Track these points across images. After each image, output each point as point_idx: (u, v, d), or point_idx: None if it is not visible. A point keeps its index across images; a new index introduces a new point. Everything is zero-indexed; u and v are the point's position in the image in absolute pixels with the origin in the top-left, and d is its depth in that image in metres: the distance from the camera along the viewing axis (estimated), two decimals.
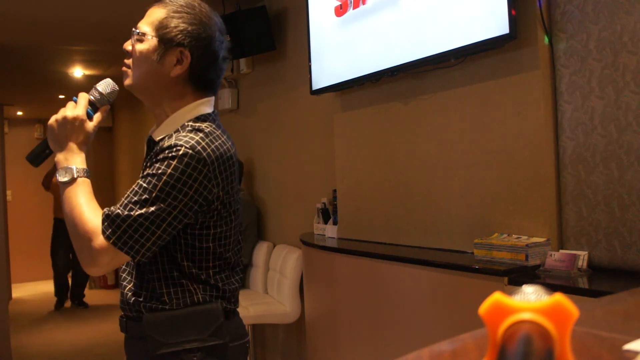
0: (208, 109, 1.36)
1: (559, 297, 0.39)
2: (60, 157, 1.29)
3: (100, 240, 1.21)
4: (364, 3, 2.59)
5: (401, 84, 2.51)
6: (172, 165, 1.21)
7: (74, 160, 1.29)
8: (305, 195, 3.48)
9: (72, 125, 1.29)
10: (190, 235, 1.27)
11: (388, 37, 2.46)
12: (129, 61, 1.34)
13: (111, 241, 1.20)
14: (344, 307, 2.56)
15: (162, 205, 1.20)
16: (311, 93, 3.00)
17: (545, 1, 1.93)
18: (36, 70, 5.86)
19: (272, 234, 3.94)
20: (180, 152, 1.22)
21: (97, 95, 1.34)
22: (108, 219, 1.22)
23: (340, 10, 2.75)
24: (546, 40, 1.93)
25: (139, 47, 1.32)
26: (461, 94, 2.22)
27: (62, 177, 1.27)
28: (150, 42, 1.31)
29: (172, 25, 1.31)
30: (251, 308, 3.36)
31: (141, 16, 1.42)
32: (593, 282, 1.70)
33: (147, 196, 1.21)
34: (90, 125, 1.32)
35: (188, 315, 1.29)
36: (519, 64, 1.99)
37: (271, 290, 3.61)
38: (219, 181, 1.26)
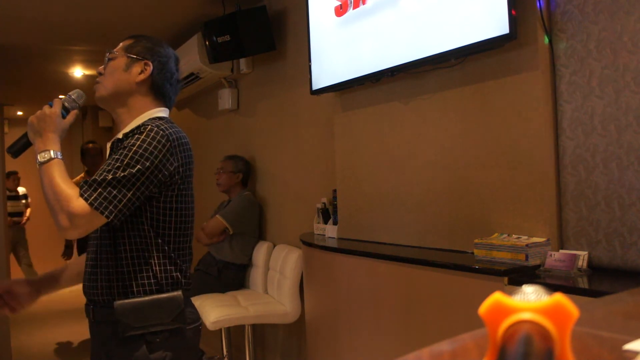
0: (165, 115, 1.66)
1: (559, 297, 0.39)
2: (39, 144, 1.51)
3: (78, 202, 1.42)
4: (364, 3, 2.59)
5: (401, 84, 2.51)
6: (141, 139, 1.48)
7: (51, 145, 1.50)
8: (305, 195, 3.48)
9: (50, 119, 1.53)
10: (156, 208, 1.51)
11: (388, 37, 2.46)
12: (101, 78, 1.63)
13: (89, 202, 1.41)
14: (344, 307, 2.56)
15: (132, 170, 1.44)
16: (311, 93, 3.00)
17: (546, 1, 1.93)
18: (36, 70, 5.86)
19: (272, 234, 3.94)
20: (148, 129, 1.50)
21: (70, 100, 1.60)
22: (86, 184, 1.44)
23: (340, 10, 2.75)
24: (546, 40, 1.93)
25: (111, 62, 1.63)
26: (461, 94, 2.22)
27: (41, 158, 1.48)
28: (120, 58, 1.63)
29: (139, 46, 1.65)
30: (251, 308, 3.36)
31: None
32: (593, 282, 1.70)
33: (119, 164, 1.45)
34: (64, 122, 1.56)
35: (154, 303, 1.51)
36: (519, 64, 1.99)
37: (271, 290, 3.61)
38: (178, 157, 1.52)
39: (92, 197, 1.42)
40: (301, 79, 3.37)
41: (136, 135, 1.49)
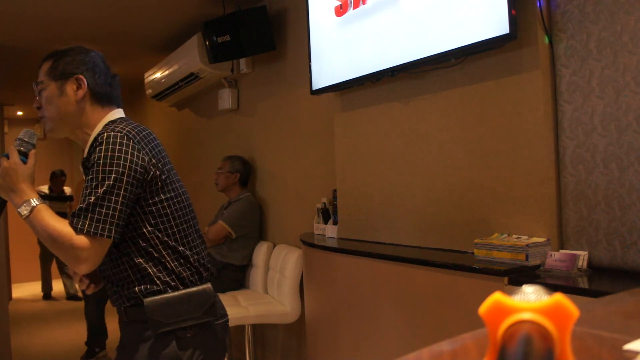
0: (118, 116, 1.61)
1: (559, 297, 0.39)
2: (16, 199, 1.48)
3: (77, 238, 1.40)
4: (364, 3, 2.59)
5: (401, 84, 2.51)
6: (103, 149, 1.44)
7: (27, 195, 1.48)
8: (305, 195, 3.48)
9: (13, 172, 1.49)
10: (147, 207, 1.49)
11: (388, 37, 2.46)
12: (41, 112, 1.59)
13: (84, 231, 1.40)
14: (344, 307, 2.56)
15: (109, 182, 1.42)
16: (311, 93, 3.00)
17: (546, 1, 1.93)
18: (36, 70, 5.86)
19: (272, 234, 3.94)
20: (105, 137, 1.46)
21: (24, 143, 1.55)
22: (74, 216, 1.42)
23: (340, 10, 2.75)
24: (546, 40, 1.93)
25: (44, 94, 1.58)
26: (461, 94, 2.22)
27: (24, 212, 1.46)
28: (49, 86, 1.58)
29: (61, 64, 1.58)
30: (251, 308, 3.36)
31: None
32: (593, 282, 1.70)
33: (95, 182, 1.43)
34: (28, 167, 1.52)
35: (183, 297, 1.50)
36: (519, 64, 1.99)
37: (271, 290, 3.61)
38: (147, 151, 1.49)
39: (87, 225, 1.40)
40: (301, 79, 3.37)
41: (97, 148, 1.46)
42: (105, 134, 1.46)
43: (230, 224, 3.78)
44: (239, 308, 3.36)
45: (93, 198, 1.41)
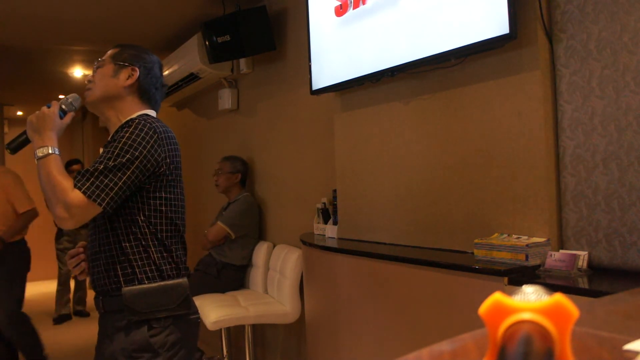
0: (151, 115, 1.75)
1: (559, 297, 0.39)
2: (37, 141, 1.60)
3: (74, 193, 1.51)
4: (364, 3, 2.59)
5: (401, 84, 2.51)
6: (129, 131, 1.57)
7: (49, 142, 1.60)
8: (305, 195, 3.48)
9: (49, 118, 1.62)
10: (147, 199, 1.60)
11: (388, 37, 2.46)
12: (91, 85, 1.74)
13: (82, 191, 1.51)
14: (344, 307, 2.56)
15: (122, 160, 1.54)
16: (311, 93, 3.00)
17: (545, 1, 1.93)
18: (36, 70, 5.86)
19: (272, 234, 3.94)
20: (135, 122, 1.60)
21: (67, 103, 1.71)
22: (79, 175, 1.54)
23: (340, 11, 2.75)
24: (546, 40, 1.93)
25: (100, 70, 1.75)
26: (461, 94, 2.22)
27: (39, 153, 1.58)
28: (107, 65, 1.75)
29: (125, 53, 1.76)
30: (251, 308, 3.36)
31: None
32: (593, 282, 1.69)
33: (110, 155, 1.55)
34: (61, 122, 1.66)
35: (160, 289, 1.60)
36: (519, 64, 1.99)
37: (271, 290, 3.61)
38: (165, 149, 1.61)
39: (85, 187, 1.51)
40: (301, 79, 3.37)
41: (124, 129, 1.59)
42: (137, 120, 1.60)
43: (229, 225, 3.78)
44: (239, 308, 3.36)
45: (101, 167, 1.53)
